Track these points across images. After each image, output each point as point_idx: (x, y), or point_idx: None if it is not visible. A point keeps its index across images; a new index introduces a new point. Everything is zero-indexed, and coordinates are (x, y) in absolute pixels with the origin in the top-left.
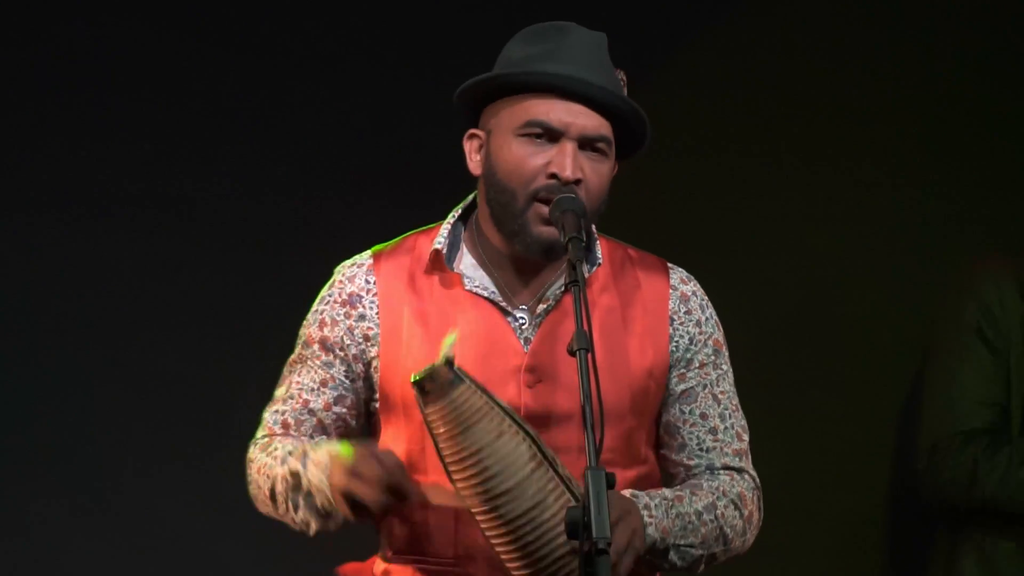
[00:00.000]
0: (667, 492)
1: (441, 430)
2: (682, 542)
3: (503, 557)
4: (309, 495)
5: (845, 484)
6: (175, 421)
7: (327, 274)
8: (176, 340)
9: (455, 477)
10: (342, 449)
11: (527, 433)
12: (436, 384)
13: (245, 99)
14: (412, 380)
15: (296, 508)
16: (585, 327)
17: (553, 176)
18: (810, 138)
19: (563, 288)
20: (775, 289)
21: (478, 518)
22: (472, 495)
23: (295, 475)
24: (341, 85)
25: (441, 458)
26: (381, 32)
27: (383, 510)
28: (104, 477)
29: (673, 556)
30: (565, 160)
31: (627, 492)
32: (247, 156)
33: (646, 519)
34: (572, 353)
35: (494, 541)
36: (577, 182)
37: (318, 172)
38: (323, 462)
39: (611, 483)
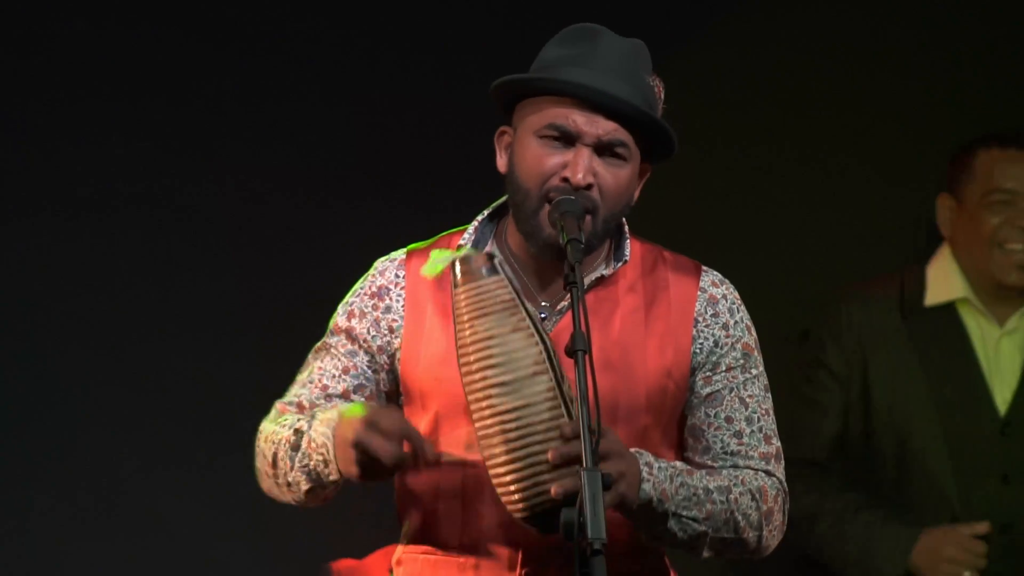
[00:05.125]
0: (678, 464)
1: (463, 310)
2: (684, 513)
3: (484, 455)
4: (305, 455)
5: None
6: (176, 421)
7: (328, 274)
8: (177, 340)
9: (462, 361)
10: (354, 407)
11: (544, 344)
12: (470, 267)
13: (246, 99)
14: (452, 260)
15: (291, 466)
16: (583, 329)
17: (566, 180)
18: (809, 138)
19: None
20: (774, 287)
21: (471, 408)
22: (471, 381)
23: (298, 433)
24: (344, 85)
25: (457, 341)
26: (384, 32)
27: (396, 467)
28: (104, 477)
29: (673, 524)
30: (578, 165)
31: (634, 449)
32: (248, 156)
33: (644, 475)
34: (570, 354)
35: (480, 435)
36: (588, 187)
37: (320, 173)
38: (330, 419)
39: (607, 484)
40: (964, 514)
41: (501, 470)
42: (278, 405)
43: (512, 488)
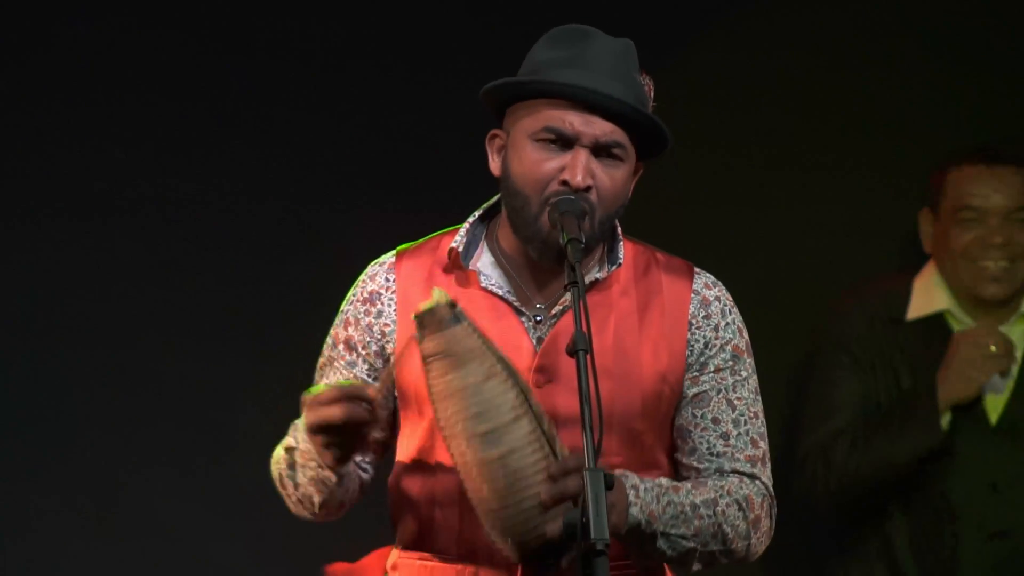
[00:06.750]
0: (664, 481)
1: (433, 365)
2: (673, 531)
3: (473, 501)
4: (303, 467)
5: None
6: (175, 422)
7: (327, 276)
8: (176, 341)
9: (439, 415)
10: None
11: (519, 386)
12: (434, 319)
13: (245, 101)
14: (413, 315)
15: (296, 486)
16: (584, 329)
17: (564, 183)
18: (808, 140)
19: None
20: (770, 289)
21: (454, 456)
22: (452, 435)
23: (289, 451)
24: (342, 86)
25: (430, 395)
26: (382, 33)
27: (352, 424)
28: (104, 478)
29: (662, 544)
30: (576, 167)
31: (619, 472)
32: (247, 158)
33: (631, 499)
34: (571, 354)
35: (467, 485)
36: (587, 189)
37: (319, 175)
38: (302, 424)
39: (609, 484)
40: (962, 518)
41: (493, 518)
42: (292, 427)
43: (506, 534)
